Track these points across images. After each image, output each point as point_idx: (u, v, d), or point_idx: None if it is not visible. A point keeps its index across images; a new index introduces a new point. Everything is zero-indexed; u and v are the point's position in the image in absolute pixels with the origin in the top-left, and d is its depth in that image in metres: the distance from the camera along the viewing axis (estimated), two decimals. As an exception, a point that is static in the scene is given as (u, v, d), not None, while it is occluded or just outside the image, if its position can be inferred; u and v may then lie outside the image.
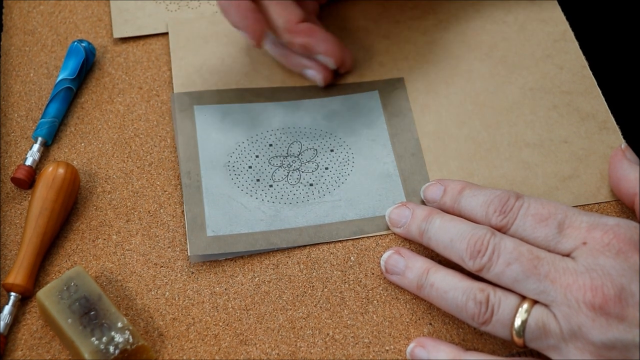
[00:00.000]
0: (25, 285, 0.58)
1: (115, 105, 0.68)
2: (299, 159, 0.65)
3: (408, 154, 0.65)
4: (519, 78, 0.69)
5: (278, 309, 0.59)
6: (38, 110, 0.68)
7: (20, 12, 0.74)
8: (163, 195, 0.64)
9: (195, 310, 0.59)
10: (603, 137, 0.66)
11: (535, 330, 0.52)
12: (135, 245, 0.61)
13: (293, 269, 0.60)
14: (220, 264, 0.61)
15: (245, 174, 0.64)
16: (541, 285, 0.52)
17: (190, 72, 0.69)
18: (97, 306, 0.56)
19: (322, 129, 0.67)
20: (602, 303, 0.50)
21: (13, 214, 0.63)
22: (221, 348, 0.57)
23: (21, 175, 0.63)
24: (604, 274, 0.51)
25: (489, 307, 0.53)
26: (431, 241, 0.58)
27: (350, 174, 0.64)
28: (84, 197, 0.64)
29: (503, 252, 0.53)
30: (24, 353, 0.57)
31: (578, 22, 0.72)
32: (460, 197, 0.59)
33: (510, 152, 0.65)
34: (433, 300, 0.56)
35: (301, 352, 0.57)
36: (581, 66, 0.69)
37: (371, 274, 0.60)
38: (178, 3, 0.73)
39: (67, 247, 0.61)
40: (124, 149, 0.66)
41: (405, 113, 0.67)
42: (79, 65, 0.68)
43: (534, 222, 0.54)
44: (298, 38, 0.65)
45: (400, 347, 0.57)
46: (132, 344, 0.55)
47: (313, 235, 0.61)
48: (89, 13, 0.74)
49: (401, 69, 0.70)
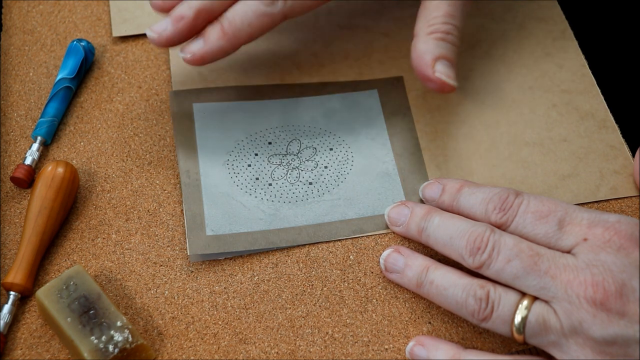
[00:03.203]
0: (25, 284, 0.58)
1: (115, 105, 0.68)
2: (298, 158, 0.65)
3: (407, 152, 0.65)
4: (518, 77, 0.69)
5: (277, 307, 0.59)
6: (37, 109, 0.68)
7: (20, 12, 0.74)
8: (162, 194, 0.64)
9: (194, 309, 0.59)
10: (602, 136, 0.66)
11: (535, 327, 0.52)
12: (134, 244, 0.61)
13: (292, 268, 0.60)
14: (220, 263, 0.60)
15: (245, 172, 0.64)
16: (542, 282, 0.52)
17: (189, 70, 0.69)
18: (97, 305, 0.56)
19: (322, 127, 0.67)
20: (603, 299, 0.50)
21: (12, 213, 0.63)
22: (220, 347, 0.57)
23: (20, 174, 0.63)
24: (604, 270, 0.51)
25: (489, 303, 0.53)
26: (430, 239, 0.58)
27: (349, 172, 0.64)
28: (84, 196, 0.64)
29: (503, 249, 0.53)
30: (24, 352, 0.57)
31: (577, 21, 0.72)
32: (459, 195, 0.59)
33: (510, 151, 0.65)
34: (433, 298, 0.56)
35: (300, 351, 0.57)
36: (580, 65, 0.69)
37: (370, 273, 0.60)
38: (177, 2, 0.73)
39: (66, 246, 0.61)
40: (123, 148, 0.66)
41: (404, 112, 0.67)
42: (78, 65, 0.68)
43: (534, 219, 0.54)
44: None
45: (400, 346, 0.57)
46: (131, 342, 0.55)
47: (312, 234, 0.61)
48: (88, 12, 0.74)
49: (400, 68, 0.70)
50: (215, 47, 0.62)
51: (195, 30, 0.63)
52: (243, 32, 0.62)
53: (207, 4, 0.62)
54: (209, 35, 0.62)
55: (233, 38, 0.62)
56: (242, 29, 0.62)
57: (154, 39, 0.63)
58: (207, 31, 0.63)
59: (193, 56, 0.62)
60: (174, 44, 0.63)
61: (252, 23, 0.62)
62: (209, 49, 0.62)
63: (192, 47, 0.62)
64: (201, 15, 0.62)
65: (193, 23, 0.62)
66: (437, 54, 0.61)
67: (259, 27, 0.63)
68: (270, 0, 0.62)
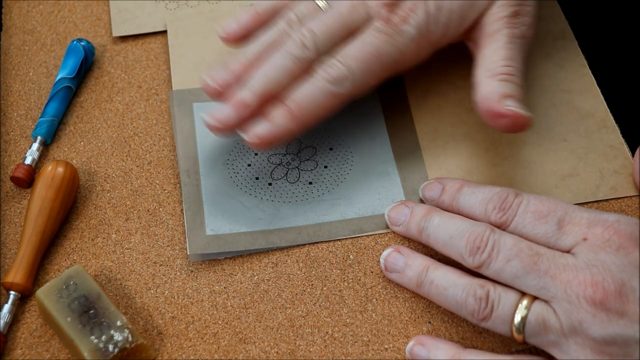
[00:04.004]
0: (25, 284, 0.58)
1: (115, 104, 0.68)
2: (298, 157, 0.65)
3: (407, 152, 0.65)
4: (518, 76, 0.69)
5: (277, 307, 0.59)
6: (37, 109, 0.68)
7: (20, 12, 0.74)
8: (162, 194, 0.64)
9: (194, 309, 0.59)
10: (602, 136, 0.66)
11: (535, 326, 0.52)
12: (134, 244, 0.61)
13: (292, 268, 0.60)
14: (220, 262, 0.61)
15: (245, 172, 0.64)
16: (541, 281, 0.52)
17: (189, 69, 0.69)
18: (97, 305, 0.56)
19: (321, 126, 0.66)
20: (603, 298, 0.50)
21: (12, 213, 0.63)
22: (220, 346, 0.57)
23: (20, 174, 0.63)
24: (604, 270, 0.51)
25: (488, 303, 0.53)
26: (430, 239, 0.58)
27: (349, 172, 0.64)
28: (84, 196, 0.64)
29: (503, 249, 0.53)
30: (24, 352, 0.57)
31: (577, 21, 0.72)
32: (459, 195, 0.59)
33: (510, 150, 0.65)
34: (433, 298, 0.56)
35: (300, 351, 0.57)
36: (580, 65, 0.69)
37: (370, 273, 0.60)
38: (177, 2, 0.73)
39: (66, 246, 0.61)
40: (123, 148, 0.66)
41: (404, 111, 0.67)
42: (78, 64, 0.68)
43: (533, 219, 0.54)
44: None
45: (400, 346, 0.57)
46: (131, 342, 0.55)
47: (312, 234, 0.61)
48: (88, 12, 0.74)
49: (400, 68, 0.70)
50: (284, 130, 0.60)
51: (255, 113, 0.61)
52: (311, 114, 0.60)
53: (270, 87, 0.60)
54: (276, 118, 0.60)
55: (301, 120, 0.60)
56: (310, 110, 0.60)
57: (215, 127, 0.60)
58: (274, 114, 0.60)
59: (260, 140, 0.59)
60: (233, 130, 0.61)
61: (320, 104, 0.60)
62: (277, 131, 0.60)
63: (258, 130, 0.60)
64: (264, 99, 0.60)
65: (256, 109, 0.60)
66: (503, 92, 0.59)
67: (327, 108, 0.61)
68: (338, 80, 0.60)
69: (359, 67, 0.61)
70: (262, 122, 0.60)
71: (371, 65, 0.61)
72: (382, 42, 0.61)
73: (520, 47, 0.62)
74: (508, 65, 0.60)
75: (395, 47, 0.61)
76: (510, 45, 0.61)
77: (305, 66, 0.61)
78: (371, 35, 0.61)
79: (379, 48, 0.61)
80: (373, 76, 0.62)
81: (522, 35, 0.62)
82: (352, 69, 0.60)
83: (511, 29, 0.61)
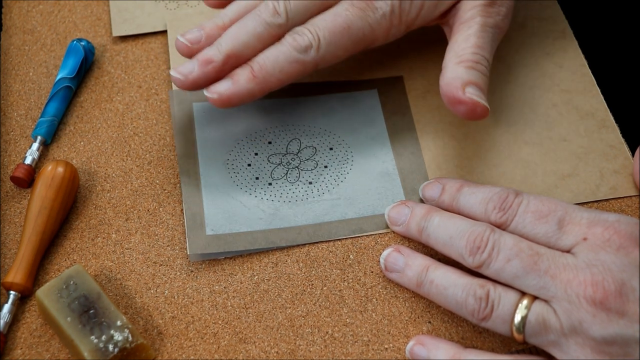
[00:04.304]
0: (25, 284, 0.58)
1: (115, 104, 0.68)
2: (298, 157, 0.65)
3: (407, 152, 0.65)
4: (518, 76, 0.69)
5: (277, 307, 0.59)
6: (37, 109, 0.68)
7: (20, 12, 0.74)
8: (162, 194, 0.64)
9: (194, 309, 0.59)
10: (602, 136, 0.66)
11: (535, 326, 0.52)
12: (134, 244, 0.61)
13: (292, 268, 0.60)
14: (220, 262, 0.60)
15: (245, 171, 0.64)
16: (541, 281, 0.52)
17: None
18: (97, 305, 0.56)
19: (321, 127, 0.67)
20: (603, 298, 0.50)
21: (12, 213, 0.63)
22: (220, 346, 0.57)
23: (20, 174, 0.63)
24: (604, 270, 0.51)
25: (489, 303, 0.53)
26: (430, 239, 0.58)
27: (349, 172, 0.64)
28: (84, 195, 0.64)
29: (503, 248, 0.53)
30: (24, 352, 0.57)
31: (577, 21, 0.72)
32: (459, 194, 0.59)
33: (510, 150, 0.65)
34: (433, 298, 0.56)
35: (300, 351, 0.57)
36: (580, 65, 0.69)
37: (370, 272, 0.60)
38: (177, 2, 0.73)
39: (66, 246, 0.61)
40: (123, 148, 0.66)
41: (404, 111, 0.67)
42: (78, 64, 0.68)
43: (533, 219, 0.54)
44: None
45: (400, 346, 0.57)
46: (131, 342, 0.55)
47: (312, 233, 0.61)
48: (88, 12, 0.74)
49: (400, 68, 0.70)
50: (244, 90, 0.60)
51: (222, 74, 0.61)
52: (273, 77, 0.61)
53: (237, 48, 0.61)
54: (238, 77, 0.61)
55: (262, 82, 0.61)
56: (273, 74, 0.61)
57: (179, 81, 0.61)
58: (236, 73, 0.61)
59: (220, 97, 0.60)
60: (199, 88, 0.61)
61: (284, 69, 0.61)
62: (237, 90, 0.60)
63: (219, 87, 0.60)
64: (230, 60, 0.61)
65: (221, 67, 0.61)
66: (467, 80, 0.60)
67: (290, 74, 0.61)
68: (304, 47, 0.61)
69: (327, 38, 0.61)
70: (225, 81, 0.61)
71: (340, 38, 0.61)
72: (353, 16, 0.61)
73: (492, 37, 0.62)
74: (476, 53, 0.61)
75: (367, 22, 0.62)
76: (482, 34, 0.62)
77: (276, 32, 0.61)
78: (344, 8, 0.62)
79: (350, 21, 0.61)
80: (340, 48, 0.62)
81: (495, 25, 0.62)
82: (319, 39, 0.61)
83: (485, 17, 0.62)
